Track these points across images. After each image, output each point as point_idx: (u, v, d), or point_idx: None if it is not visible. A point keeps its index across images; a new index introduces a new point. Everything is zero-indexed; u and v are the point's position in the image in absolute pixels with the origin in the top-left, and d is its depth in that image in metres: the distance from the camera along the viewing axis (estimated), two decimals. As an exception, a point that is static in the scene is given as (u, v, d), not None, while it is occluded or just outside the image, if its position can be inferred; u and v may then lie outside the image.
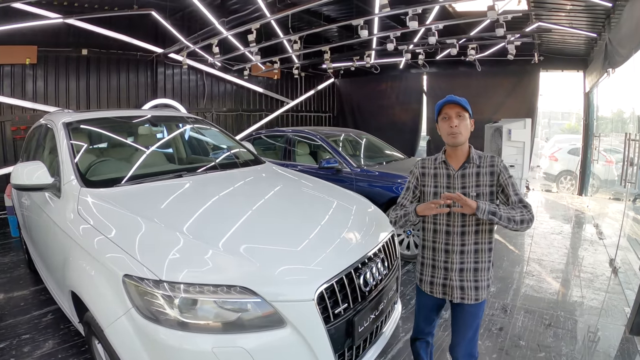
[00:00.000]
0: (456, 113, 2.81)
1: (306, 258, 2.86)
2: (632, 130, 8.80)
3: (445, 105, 2.85)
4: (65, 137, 4.06)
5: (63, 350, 3.96)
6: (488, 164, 2.89)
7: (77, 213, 3.21)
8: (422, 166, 3.08)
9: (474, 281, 2.89)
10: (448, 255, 2.92)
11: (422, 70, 15.03)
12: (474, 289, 2.89)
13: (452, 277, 2.91)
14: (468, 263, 2.89)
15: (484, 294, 2.95)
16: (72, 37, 10.01)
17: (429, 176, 3.02)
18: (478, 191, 2.87)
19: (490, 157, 2.92)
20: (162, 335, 2.32)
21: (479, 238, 2.90)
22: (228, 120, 14.22)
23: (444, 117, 2.85)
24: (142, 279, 2.42)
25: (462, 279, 2.89)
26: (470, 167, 2.90)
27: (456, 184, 2.90)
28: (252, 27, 8.68)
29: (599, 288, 5.83)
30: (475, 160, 2.90)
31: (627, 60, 7.07)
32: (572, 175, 14.35)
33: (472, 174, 2.89)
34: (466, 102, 2.84)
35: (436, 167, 3.00)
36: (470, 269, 2.89)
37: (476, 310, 2.98)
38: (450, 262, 2.91)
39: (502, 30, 7.96)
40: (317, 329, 2.53)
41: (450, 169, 2.93)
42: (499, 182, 2.87)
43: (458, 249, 2.89)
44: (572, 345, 4.36)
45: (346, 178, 7.23)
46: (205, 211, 3.38)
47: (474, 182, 2.88)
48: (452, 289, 2.92)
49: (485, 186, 2.87)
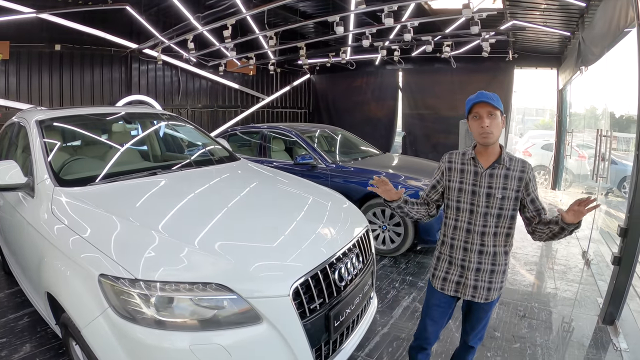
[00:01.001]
0: (487, 112, 2.70)
1: (282, 254, 2.88)
2: (604, 126, 8.94)
3: (476, 105, 2.74)
4: (38, 135, 4.01)
5: (41, 354, 3.90)
6: (519, 169, 2.80)
7: (51, 213, 3.18)
8: (449, 160, 3.00)
9: (487, 282, 2.87)
10: (466, 253, 2.88)
11: (397, 66, 15.13)
12: (487, 289, 2.88)
13: (467, 275, 2.88)
14: (485, 264, 2.85)
15: (495, 295, 2.92)
16: (45, 32, 9.85)
17: (455, 171, 2.93)
18: (504, 194, 2.79)
19: (522, 162, 2.84)
20: (140, 335, 2.33)
21: (497, 240, 2.85)
22: (203, 116, 14.12)
23: (475, 115, 2.75)
24: (117, 278, 2.41)
25: (477, 278, 2.87)
26: (500, 168, 2.80)
27: (483, 183, 2.81)
28: (227, 22, 8.67)
29: (572, 280, 5.96)
30: (505, 162, 2.80)
31: (599, 59, 7.19)
32: (545, 170, 14.55)
33: (500, 175, 2.79)
34: (498, 100, 2.74)
35: (464, 163, 2.91)
36: (487, 270, 2.86)
37: (488, 306, 2.99)
38: (468, 260, 2.87)
39: (477, 28, 8.06)
40: (293, 324, 2.56)
41: (479, 166, 2.84)
42: (527, 191, 2.81)
43: (477, 248, 2.84)
44: (547, 335, 4.45)
45: (321, 174, 7.26)
46: (181, 209, 3.37)
47: (502, 184, 2.79)
48: (466, 287, 2.90)
49: (512, 190, 2.79)
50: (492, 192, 2.78)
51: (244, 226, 3.22)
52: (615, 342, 4.28)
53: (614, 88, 10.70)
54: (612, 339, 4.37)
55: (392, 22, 7.67)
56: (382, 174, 6.69)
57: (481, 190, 2.80)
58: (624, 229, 4.44)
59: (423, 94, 15.15)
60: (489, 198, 2.78)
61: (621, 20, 5.19)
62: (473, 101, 2.74)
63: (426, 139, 14.80)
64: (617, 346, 4.21)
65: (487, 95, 2.70)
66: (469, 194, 2.84)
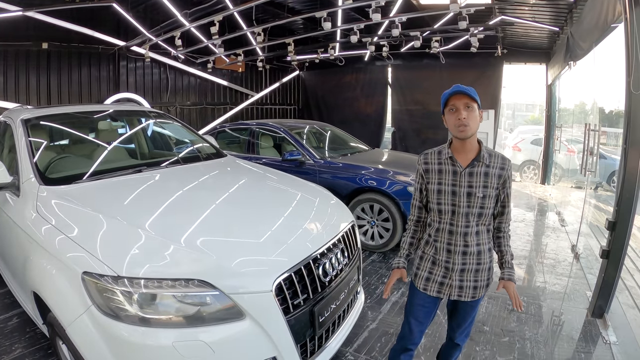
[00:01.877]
0: (464, 104, 2.59)
1: (267, 249, 2.90)
2: (593, 120, 8.98)
3: (452, 96, 2.64)
4: (23, 134, 4.01)
5: (30, 354, 3.89)
6: (498, 166, 2.71)
7: (37, 212, 3.18)
8: (424, 162, 2.86)
9: (473, 281, 2.80)
10: (450, 255, 2.78)
11: (386, 62, 15.14)
12: (473, 288, 2.81)
13: (452, 276, 2.80)
14: (470, 264, 2.78)
15: (482, 293, 2.87)
16: (32, 31, 9.72)
17: (433, 172, 2.80)
18: (485, 192, 2.69)
19: (502, 158, 2.75)
20: (123, 332, 2.33)
21: (480, 239, 2.78)
22: (192, 114, 14.06)
23: (451, 108, 2.64)
24: (101, 276, 2.42)
25: (463, 279, 2.79)
26: (480, 165, 2.69)
27: (463, 183, 2.69)
28: (214, 19, 8.64)
29: (561, 273, 6.00)
30: (485, 159, 2.69)
31: (587, 54, 7.26)
32: (535, 165, 14.64)
33: (480, 173, 2.68)
34: (474, 92, 2.63)
35: (441, 162, 2.78)
36: (472, 270, 2.79)
37: (475, 303, 2.92)
38: (452, 262, 2.78)
39: (465, 23, 8.08)
40: (277, 320, 2.58)
41: (457, 165, 2.71)
42: (503, 189, 2.75)
43: (461, 249, 2.76)
44: (536, 329, 4.49)
45: (310, 170, 7.27)
46: (168, 206, 3.38)
47: (482, 183, 2.68)
48: (450, 288, 2.82)
49: (492, 188, 2.70)
50: (472, 191, 2.69)
51: (231, 222, 3.25)
52: (604, 335, 4.30)
53: (603, 83, 10.78)
54: (601, 332, 4.39)
55: (380, 18, 7.69)
56: (370, 169, 6.74)
57: (461, 190, 2.70)
58: (612, 223, 4.46)
59: (412, 90, 15.13)
60: (470, 198, 2.69)
61: (609, 15, 5.21)
62: (449, 93, 2.66)
63: (416, 134, 14.80)
64: (607, 339, 4.23)
65: (463, 87, 2.62)
66: (449, 194, 2.73)
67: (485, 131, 11.30)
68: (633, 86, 4.18)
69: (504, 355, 4.02)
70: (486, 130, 11.29)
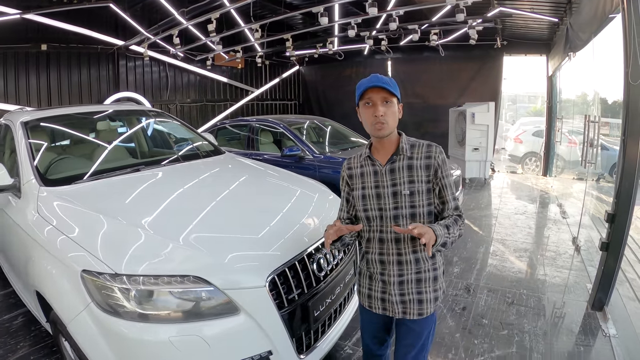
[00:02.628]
0: (382, 98, 2.32)
1: (264, 245, 2.97)
2: (595, 112, 8.98)
3: (369, 89, 2.34)
4: (23, 136, 4.08)
5: (35, 352, 3.97)
6: (423, 155, 2.42)
7: (38, 213, 3.25)
8: (348, 167, 2.62)
9: (416, 293, 2.45)
10: (384, 266, 2.48)
11: (386, 56, 15.15)
12: (417, 302, 2.45)
13: (390, 291, 2.46)
14: (408, 274, 2.44)
15: (430, 308, 2.49)
16: (31, 33, 9.81)
17: (356, 177, 2.55)
18: (412, 189, 2.38)
19: (427, 146, 2.44)
20: (121, 328, 2.40)
21: (417, 244, 2.40)
22: (192, 111, 14.15)
23: (367, 102, 2.37)
24: (99, 274, 2.48)
25: (403, 292, 2.45)
26: (400, 159, 2.42)
27: (386, 182, 2.42)
28: (212, 16, 8.69)
29: (562, 266, 5.98)
30: (406, 151, 2.44)
31: (586, 45, 7.26)
32: (536, 157, 14.63)
33: (402, 168, 2.41)
34: (394, 85, 2.37)
35: (362, 165, 2.54)
36: (412, 280, 2.44)
37: (420, 328, 2.52)
38: (387, 274, 2.47)
39: (463, 16, 8.06)
40: (271, 315, 2.64)
41: (377, 164, 2.46)
42: (435, 179, 2.41)
43: (395, 258, 2.44)
44: (535, 322, 4.48)
45: (309, 165, 7.32)
46: (168, 205, 3.43)
47: (407, 178, 2.39)
48: (392, 304, 2.48)
49: (421, 182, 2.39)
50: (398, 189, 2.40)
51: (229, 218, 3.33)
52: (604, 328, 4.30)
53: (604, 74, 10.76)
54: (601, 325, 4.39)
55: (377, 12, 7.71)
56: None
57: (385, 190, 2.42)
58: (611, 215, 4.44)
59: (412, 83, 15.14)
60: (397, 197, 2.40)
61: (607, 6, 5.22)
62: (365, 85, 2.35)
63: (416, 127, 14.77)
64: (606, 332, 4.22)
65: (382, 79, 2.33)
66: (374, 198, 2.45)
67: (486, 123, 11.28)
68: (631, 77, 4.15)
69: (503, 348, 4.03)
70: (486, 122, 11.27)
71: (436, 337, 4.15)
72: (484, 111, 11.36)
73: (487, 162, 11.83)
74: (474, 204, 9.73)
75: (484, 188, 11.49)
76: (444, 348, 4.05)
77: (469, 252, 6.56)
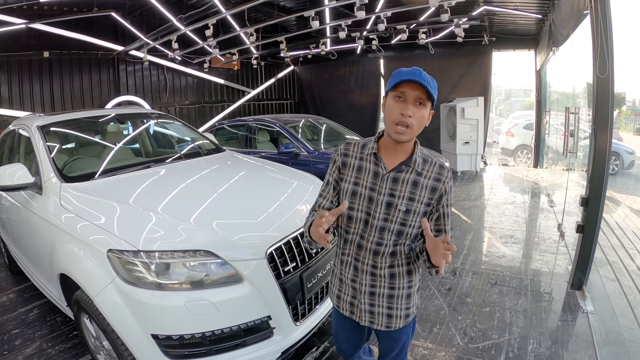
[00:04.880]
0: (417, 97, 2.02)
1: (262, 227, 3.35)
2: (579, 104, 9.23)
3: (405, 82, 2.01)
4: (41, 138, 4.34)
5: (52, 339, 4.22)
6: (434, 176, 2.17)
7: (60, 205, 3.55)
8: (344, 153, 2.32)
9: (386, 308, 2.32)
10: (357, 273, 2.32)
11: (378, 54, 15.39)
12: (386, 316, 2.33)
13: (360, 299, 2.34)
14: (381, 288, 2.30)
15: (400, 323, 2.36)
16: (33, 40, 10.06)
17: (350, 168, 2.28)
18: (410, 206, 2.16)
19: (439, 167, 2.19)
20: (143, 297, 2.78)
21: (396, 260, 2.27)
22: (191, 112, 14.36)
23: (399, 95, 2.05)
24: (123, 252, 2.86)
25: (373, 303, 2.33)
26: (409, 171, 2.17)
27: (383, 189, 2.18)
28: (209, 22, 8.93)
29: (546, 250, 6.28)
30: (417, 164, 2.17)
31: (567, 40, 7.50)
32: (527, 149, 14.88)
33: (407, 181, 2.16)
34: (435, 87, 2.05)
35: (362, 158, 2.26)
36: (384, 295, 2.30)
37: (398, 335, 2.46)
38: (358, 282, 2.33)
39: (447, 16, 8.36)
40: (270, 283, 3.04)
41: (381, 166, 2.19)
42: (438, 205, 2.20)
43: (369, 269, 2.28)
44: (516, 300, 4.77)
45: (305, 161, 7.64)
46: (176, 195, 3.77)
47: (408, 193, 2.16)
48: (361, 312, 2.36)
49: (421, 203, 2.17)
50: (394, 201, 2.17)
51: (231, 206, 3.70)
52: (582, 305, 4.57)
53: (582, 67, 11.02)
54: (579, 302, 4.65)
55: (364, 15, 7.94)
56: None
57: (380, 197, 2.19)
58: (585, 199, 4.71)
59: (405, 80, 15.24)
60: (390, 209, 2.18)
61: (581, 3, 5.48)
62: (403, 77, 2.01)
63: (410, 123, 14.93)
64: (584, 309, 4.49)
65: (424, 76, 2.00)
66: (365, 200, 2.22)
67: (476, 117, 11.52)
68: (599, 70, 4.41)
69: (484, 323, 4.32)
70: (476, 116, 11.49)
71: (422, 314, 4.48)
72: (473, 106, 11.59)
73: (478, 155, 12.05)
74: (464, 195, 9.96)
75: (475, 180, 11.73)
76: (429, 324, 4.33)
77: (457, 239, 6.78)
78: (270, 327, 3.07)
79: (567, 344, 3.95)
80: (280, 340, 3.11)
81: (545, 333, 4.12)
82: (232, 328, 2.90)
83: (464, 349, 3.91)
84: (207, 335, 2.84)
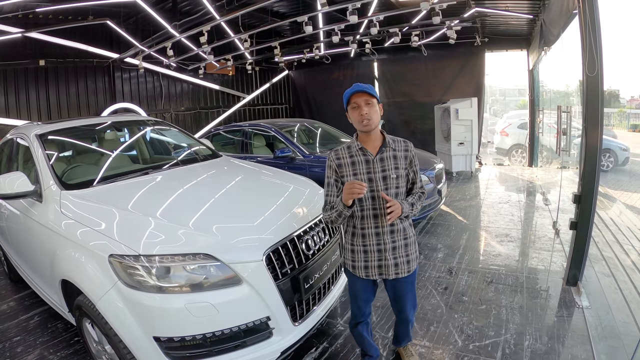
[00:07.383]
0: (365, 101, 2.93)
1: (259, 230, 3.40)
2: (568, 102, 9.27)
3: (353, 95, 2.97)
4: (39, 147, 4.40)
5: (53, 346, 4.25)
6: (402, 148, 3.10)
7: (61, 212, 3.61)
8: (336, 158, 3.10)
9: (405, 256, 3.10)
10: (379, 237, 3.04)
11: (372, 57, 15.47)
12: (407, 262, 3.11)
13: (386, 257, 3.05)
14: (399, 241, 3.07)
15: (415, 265, 3.19)
16: (29, 49, 10.07)
17: (346, 166, 3.05)
18: (397, 173, 3.02)
19: (404, 142, 3.14)
20: (144, 300, 2.84)
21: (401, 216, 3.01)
22: (187, 119, 14.37)
23: (354, 106, 2.97)
24: (124, 256, 2.92)
25: (396, 256, 3.07)
26: (387, 150, 3.04)
27: (376, 169, 3.00)
28: (203, 29, 8.96)
29: (541, 248, 6.31)
30: (390, 144, 3.06)
31: (557, 39, 7.52)
32: (522, 149, 14.93)
33: (389, 157, 3.03)
34: (373, 89, 2.97)
35: (352, 155, 3.06)
36: (402, 246, 3.09)
37: (412, 278, 3.24)
38: (382, 243, 3.04)
39: (439, 19, 8.38)
40: (268, 285, 3.10)
41: (368, 154, 3.02)
42: (411, 167, 3.11)
43: (388, 229, 3.03)
44: (512, 297, 4.82)
45: (301, 165, 7.66)
46: (174, 200, 3.84)
47: (393, 165, 3.02)
48: (388, 268, 3.07)
49: (402, 169, 3.06)
50: (387, 174, 3.01)
51: (229, 210, 3.77)
52: (577, 301, 4.61)
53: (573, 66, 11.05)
54: (575, 298, 4.70)
55: (357, 19, 7.95)
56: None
57: (376, 175, 3.00)
58: (578, 196, 4.75)
59: (399, 83, 15.46)
60: (386, 180, 3.00)
61: (570, 3, 5.52)
62: (350, 92, 3.00)
63: (404, 125, 15.08)
64: (580, 304, 4.53)
65: (362, 86, 2.97)
66: (366, 182, 2.96)
67: (470, 118, 11.61)
68: (588, 69, 4.42)
69: (481, 320, 4.37)
70: (470, 117, 11.56)
71: (419, 313, 4.54)
72: (467, 107, 11.67)
73: (473, 155, 12.12)
74: (460, 195, 10.02)
75: (470, 180, 11.77)
76: (426, 322, 4.39)
77: (452, 239, 6.87)
78: (269, 327, 3.13)
79: (563, 339, 3.98)
80: (280, 340, 3.18)
81: (542, 329, 4.16)
82: (232, 329, 2.96)
83: (461, 346, 3.96)
84: (207, 337, 2.89)
